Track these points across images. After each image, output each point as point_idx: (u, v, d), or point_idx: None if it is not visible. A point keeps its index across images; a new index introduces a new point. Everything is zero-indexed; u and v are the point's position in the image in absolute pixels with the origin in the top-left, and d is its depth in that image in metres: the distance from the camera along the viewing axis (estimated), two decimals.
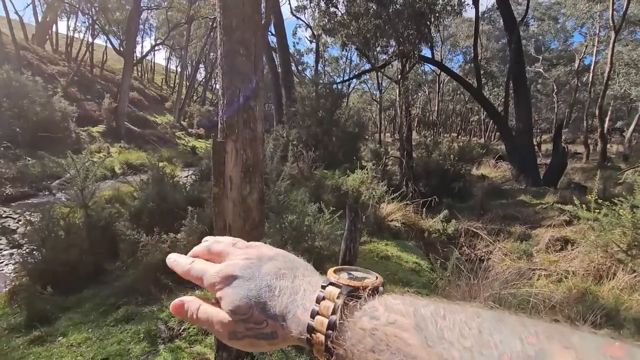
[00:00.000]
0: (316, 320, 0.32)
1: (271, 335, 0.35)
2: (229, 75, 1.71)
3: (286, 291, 0.35)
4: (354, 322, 0.30)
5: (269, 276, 0.37)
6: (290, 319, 0.34)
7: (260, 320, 0.35)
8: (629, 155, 17.28)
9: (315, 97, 10.00)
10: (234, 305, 0.36)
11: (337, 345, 0.30)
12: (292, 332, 0.33)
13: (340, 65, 31.49)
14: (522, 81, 10.35)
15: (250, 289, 0.36)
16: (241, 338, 0.36)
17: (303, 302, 0.34)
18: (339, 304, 0.32)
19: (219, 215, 1.78)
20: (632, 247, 4.04)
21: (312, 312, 0.33)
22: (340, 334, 0.30)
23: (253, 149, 1.78)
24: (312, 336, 0.32)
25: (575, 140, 28.87)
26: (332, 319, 0.31)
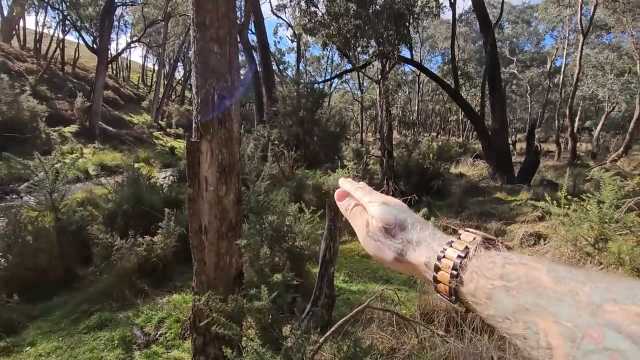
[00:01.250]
0: (447, 251, 0.37)
1: (401, 251, 0.41)
2: (203, 74, 1.67)
3: (426, 230, 0.42)
4: (486, 255, 0.34)
5: (415, 217, 0.44)
6: (424, 247, 0.40)
7: (397, 236, 0.42)
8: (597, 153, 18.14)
9: (296, 96, 9.97)
10: (384, 216, 0.44)
11: (466, 270, 0.34)
12: (421, 258, 0.39)
13: (321, 65, 31.53)
14: (497, 82, 10.68)
15: (400, 213, 0.44)
16: (375, 240, 0.44)
17: (439, 239, 0.40)
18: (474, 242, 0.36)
19: (194, 217, 1.75)
20: (598, 241, 4.23)
21: (445, 246, 0.38)
22: (470, 262, 0.34)
23: (229, 149, 1.75)
24: (440, 261, 0.37)
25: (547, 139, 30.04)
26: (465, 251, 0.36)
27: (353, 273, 3.81)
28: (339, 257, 4.42)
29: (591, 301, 0.25)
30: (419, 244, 0.40)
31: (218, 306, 1.35)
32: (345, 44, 10.48)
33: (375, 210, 0.45)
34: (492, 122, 10.70)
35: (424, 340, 2.03)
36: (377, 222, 0.44)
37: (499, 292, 0.31)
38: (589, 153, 19.42)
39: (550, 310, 0.26)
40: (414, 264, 0.40)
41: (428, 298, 2.90)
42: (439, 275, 0.36)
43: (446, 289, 0.36)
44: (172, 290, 3.35)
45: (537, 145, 10.99)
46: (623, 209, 4.28)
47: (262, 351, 1.06)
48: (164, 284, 3.46)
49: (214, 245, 1.78)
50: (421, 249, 0.40)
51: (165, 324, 2.73)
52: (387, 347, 2.05)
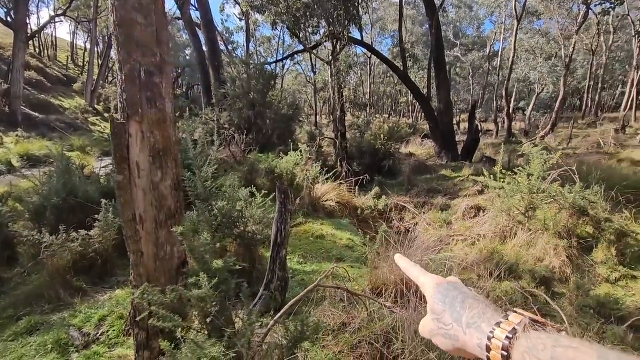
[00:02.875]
0: (496, 332, 0.38)
1: (454, 337, 0.43)
2: (126, 47, 1.51)
3: (476, 307, 0.43)
4: (537, 337, 0.36)
5: (466, 294, 0.45)
6: (474, 328, 0.41)
7: (447, 323, 0.44)
8: (529, 131, 19.91)
9: (246, 78, 9.59)
10: (434, 306, 0.46)
11: (516, 351, 0.36)
12: (473, 340, 0.41)
13: (272, 46, 30.60)
14: (442, 65, 11.14)
15: (448, 297, 0.45)
16: (435, 335, 0.46)
17: (489, 320, 0.41)
18: (522, 324, 0.38)
19: (127, 206, 1.61)
20: (528, 210, 4.68)
21: (494, 327, 0.39)
22: (519, 343, 0.36)
23: (162, 131, 1.62)
24: (490, 341, 0.39)
25: (487, 119, 32.30)
26: (513, 332, 0.37)
27: (307, 254, 3.85)
28: (294, 239, 4.44)
29: None
30: (469, 327, 0.42)
31: (155, 298, 1.27)
32: (295, 24, 10.21)
33: (427, 294, 0.48)
34: (438, 104, 11.21)
35: (373, 313, 2.12)
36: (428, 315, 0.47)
37: None
38: (522, 131, 21.26)
39: None
40: (468, 347, 0.42)
41: (378, 273, 3.03)
42: (491, 356, 0.38)
43: None
44: (115, 285, 3.14)
45: (478, 124, 11.77)
46: (549, 180, 4.76)
47: (202, 340, 1.01)
48: (105, 280, 3.22)
49: (152, 235, 1.66)
50: (472, 331, 0.41)
51: (107, 321, 2.55)
52: (338, 322, 2.10)
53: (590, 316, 3.09)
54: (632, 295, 3.48)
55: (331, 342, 1.92)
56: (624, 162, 9.20)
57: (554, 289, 3.70)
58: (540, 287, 3.62)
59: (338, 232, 4.61)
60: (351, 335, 1.91)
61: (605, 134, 14.66)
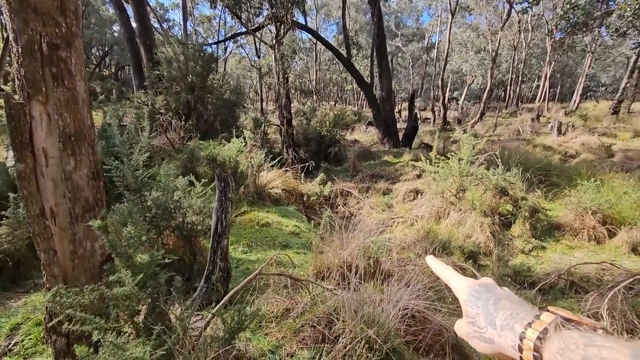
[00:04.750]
0: (528, 332, 0.39)
1: (489, 340, 0.43)
2: (19, 14, 1.29)
3: (510, 308, 0.43)
4: (569, 337, 0.35)
5: (498, 295, 0.45)
6: (508, 329, 0.41)
7: (482, 325, 0.44)
8: (462, 119, 21.54)
9: (183, 59, 8.94)
10: (468, 310, 0.47)
11: (547, 351, 0.36)
12: (507, 341, 0.41)
13: (213, 26, 28.87)
14: (383, 53, 11.47)
15: (480, 298, 0.46)
16: (471, 338, 0.46)
17: (522, 320, 0.41)
18: (554, 323, 0.38)
19: (32, 199, 1.41)
20: (459, 191, 5.10)
21: (526, 327, 0.39)
22: (550, 343, 0.36)
23: (73, 113, 1.43)
24: (522, 341, 0.39)
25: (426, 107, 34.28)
26: (545, 331, 0.37)
27: (252, 243, 3.78)
28: (238, 228, 4.32)
29: None
30: (503, 329, 0.42)
31: (70, 300, 1.14)
32: (235, 3, 9.71)
33: (460, 297, 0.49)
34: (380, 91, 11.57)
35: (316, 297, 2.15)
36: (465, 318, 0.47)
37: None
38: (456, 119, 22.95)
39: None
40: (504, 350, 0.41)
41: (323, 257, 3.08)
42: (524, 356, 0.38)
43: None
44: (31, 289, 2.79)
45: (417, 113, 12.42)
46: (476, 164, 5.21)
47: (123, 341, 0.93)
48: (18, 284, 2.84)
49: (67, 231, 1.48)
50: (506, 333, 0.41)
51: (22, 330, 2.26)
52: (281, 308, 2.10)
53: (508, 284, 3.49)
54: (541, 263, 3.99)
55: (274, 329, 1.92)
56: (537, 148, 10.42)
57: (479, 261, 4.10)
58: (469, 260, 4.00)
59: (284, 220, 4.59)
60: (294, 320, 1.92)
61: (524, 122, 16.46)
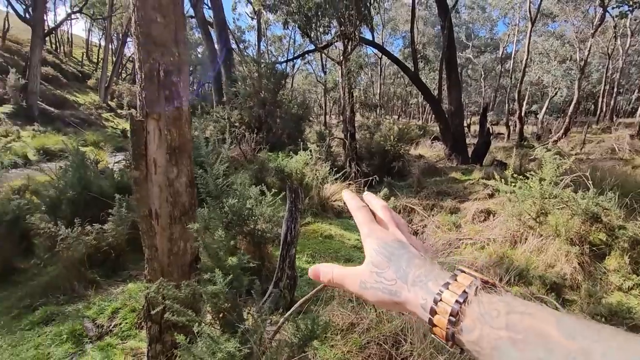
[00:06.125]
0: (444, 294, 0.35)
1: (396, 293, 0.39)
2: (145, 46, 1.54)
3: (422, 267, 0.39)
4: (488, 302, 0.33)
5: (413, 253, 0.42)
6: (419, 287, 0.38)
7: (391, 278, 0.40)
8: (541, 134, 19.60)
9: (257, 77, 9.65)
10: (375, 259, 0.42)
11: (466, 317, 0.33)
12: (417, 299, 0.37)
13: (283, 45, 30.67)
14: (453, 66, 11.04)
15: (393, 254, 0.41)
16: (369, 288, 0.41)
17: (436, 280, 0.37)
18: (473, 286, 0.35)
19: (142, 201, 1.65)
20: (539, 215, 4.62)
21: (442, 288, 0.36)
22: (470, 308, 0.33)
23: (178, 129, 1.65)
24: (437, 304, 0.35)
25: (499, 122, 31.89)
26: (464, 295, 0.34)
27: (316, 254, 3.86)
28: (302, 238, 4.46)
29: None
30: (414, 284, 0.38)
31: (170, 293, 1.29)
32: (306, 23, 10.22)
33: (369, 248, 0.44)
34: (448, 105, 11.11)
35: (382, 314, 2.12)
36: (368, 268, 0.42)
37: (505, 344, 0.29)
38: (534, 135, 20.94)
39: None
40: (410, 305, 0.38)
41: None
42: (435, 320, 0.35)
43: (443, 333, 0.34)
44: (127, 279, 3.20)
45: (489, 127, 11.64)
46: (561, 185, 4.69)
47: (217, 335, 1.04)
48: (117, 274, 3.29)
49: (166, 231, 1.70)
50: (416, 289, 0.38)
51: (120, 314, 2.61)
52: (347, 322, 2.11)
53: None
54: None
55: (339, 342, 1.93)
56: (639, 169, 9.00)
57: (564, 295, 3.65)
58: (551, 293, 3.58)
59: (346, 233, 4.62)
60: (360, 336, 1.92)
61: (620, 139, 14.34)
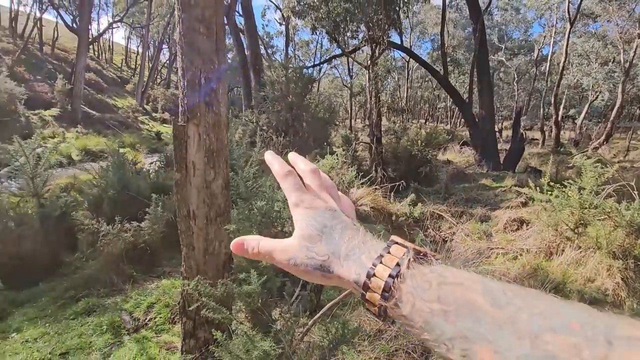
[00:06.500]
0: (378, 267, 0.33)
1: (327, 269, 0.37)
2: (188, 55, 1.63)
3: (355, 240, 0.37)
4: (421, 275, 0.31)
5: (345, 224, 0.39)
6: (352, 260, 0.36)
7: (322, 253, 0.37)
8: (579, 141, 18.58)
9: (285, 81, 9.81)
10: (306, 232, 0.39)
11: (399, 291, 0.31)
12: (350, 273, 0.35)
13: (310, 50, 31.00)
14: (485, 69, 10.72)
15: (325, 225, 0.39)
16: (299, 264, 0.38)
17: (369, 252, 0.36)
18: (405, 259, 0.33)
19: (182, 202, 1.73)
20: (578, 226, 4.39)
21: (375, 261, 0.34)
22: (402, 282, 0.31)
23: (217, 134, 1.73)
24: (370, 280, 0.33)
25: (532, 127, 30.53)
26: (397, 268, 0.32)
27: None
28: None
29: (530, 330, 0.24)
30: (347, 258, 0.36)
31: (207, 290, 1.35)
32: (334, 28, 10.31)
33: (299, 219, 0.40)
34: (479, 109, 10.79)
35: None
36: (298, 242, 0.39)
37: (436, 316, 0.28)
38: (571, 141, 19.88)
39: (490, 338, 0.25)
40: (344, 281, 0.36)
41: None
42: (368, 296, 0.33)
43: (375, 310, 0.33)
44: (161, 275, 3.35)
45: (522, 132, 11.18)
46: (602, 195, 4.43)
47: (252, 334, 1.08)
48: (152, 270, 3.45)
49: (203, 231, 1.77)
50: (349, 263, 0.36)
51: (154, 309, 2.73)
52: (374, 328, 2.10)
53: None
54: None
55: (367, 348, 1.93)
56: None
57: None
58: None
59: None
60: (387, 343, 1.91)
61: None
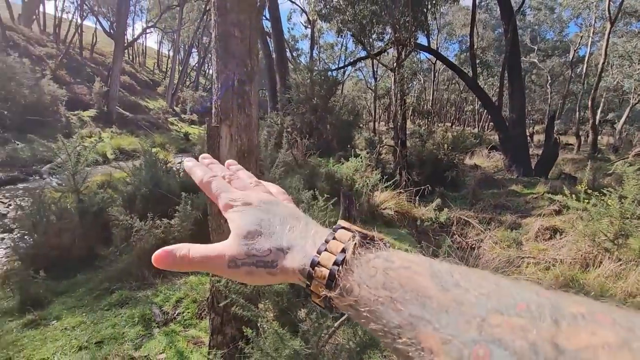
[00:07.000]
0: (322, 255, 0.32)
1: (271, 264, 0.34)
2: (223, 59, 1.68)
3: (297, 228, 0.35)
4: (366, 261, 0.29)
5: (284, 213, 0.37)
6: (296, 251, 0.33)
7: (264, 249, 0.34)
8: (619, 146, 17.54)
9: (309, 83, 9.90)
10: (244, 230, 0.36)
11: (344, 279, 0.29)
12: (294, 264, 0.33)
13: (335, 52, 31.10)
14: (517, 71, 10.35)
15: (263, 219, 0.36)
16: (240, 266, 0.35)
17: (313, 239, 0.34)
18: (351, 244, 0.31)
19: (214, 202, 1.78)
20: (618, 236, 4.14)
21: (320, 248, 0.32)
22: (347, 269, 0.30)
23: (248, 135, 1.77)
24: (314, 269, 0.31)
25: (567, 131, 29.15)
26: (342, 255, 0.31)
27: None
28: None
29: (476, 313, 0.23)
30: (290, 249, 0.34)
31: (237, 288, 1.38)
32: (360, 31, 10.29)
33: (234, 220, 0.37)
34: (510, 113, 10.42)
35: None
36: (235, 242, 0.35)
37: (381, 304, 0.27)
38: (610, 146, 18.79)
39: (435, 324, 0.24)
40: (288, 275, 0.34)
41: None
42: (312, 286, 0.31)
43: (320, 301, 0.31)
44: (189, 271, 3.45)
45: (556, 137, 10.69)
46: None
47: (282, 332, 1.09)
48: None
49: None
50: (293, 255, 0.33)
51: (183, 303, 2.82)
52: None
53: None
54: None
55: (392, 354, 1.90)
56: None
57: None
58: None
59: (396, 242, 4.52)
60: None
61: None
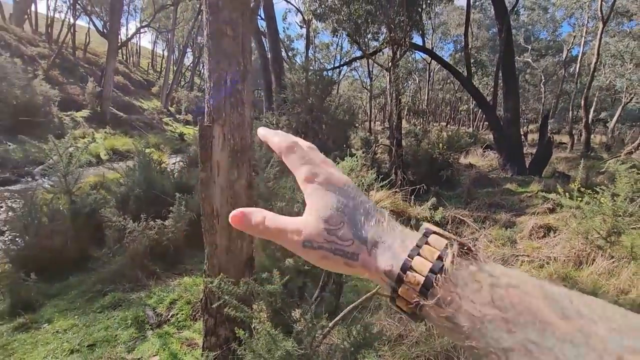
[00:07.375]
0: (415, 260, 0.29)
1: (352, 256, 0.32)
2: (215, 57, 1.66)
3: (383, 223, 0.33)
4: (469, 273, 0.27)
5: (368, 203, 0.35)
6: (382, 249, 0.31)
7: (346, 237, 0.32)
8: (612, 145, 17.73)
9: (305, 83, 9.87)
10: (326, 211, 0.33)
11: (442, 289, 0.27)
12: (379, 263, 0.31)
13: (330, 52, 31.10)
14: (511, 71, 10.42)
15: (347, 205, 0.34)
16: (316, 248, 0.33)
17: (402, 240, 0.31)
18: (449, 252, 0.29)
19: (206, 200, 1.76)
20: (611, 234, 4.17)
21: (412, 252, 0.30)
22: (446, 279, 0.27)
23: (241, 134, 1.75)
24: (405, 274, 0.29)
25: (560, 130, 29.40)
26: (439, 263, 0.28)
27: None
28: None
29: (609, 348, 0.21)
30: (375, 246, 0.31)
31: (230, 289, 1.37)
32: (355, 30, 10.30)
33: (316, 197, 0.34)
34: (504, 112, 10.49)
35: (432, 328, 2.05)
36: (315, 223, 0.33)
37: (490, 322, 0.25)
38: (603, 145, 19.00)
39: (559, 355, 0.22)
40: (369, 271, 0.32)
41: None
42: (401, 290, 0.29)
43: (408, 306, 0.29)
44: (183, 272, 3.42)
45: (549, 136, 10.78)
46: (638, 202, 4.20)
47: (274, 333, 1.08)
48: (174, 267, 3.53)
49: (226, 230, 1.80)
50: (378, 252, 0.31)
51: (177, 305, 2.79)
52: (394, 333, 2.07)
53: None
54: None
55: (387, 353, 1.90)
56: None
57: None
58: None
59: None
60: (409, 349, 1.87)
61: None
